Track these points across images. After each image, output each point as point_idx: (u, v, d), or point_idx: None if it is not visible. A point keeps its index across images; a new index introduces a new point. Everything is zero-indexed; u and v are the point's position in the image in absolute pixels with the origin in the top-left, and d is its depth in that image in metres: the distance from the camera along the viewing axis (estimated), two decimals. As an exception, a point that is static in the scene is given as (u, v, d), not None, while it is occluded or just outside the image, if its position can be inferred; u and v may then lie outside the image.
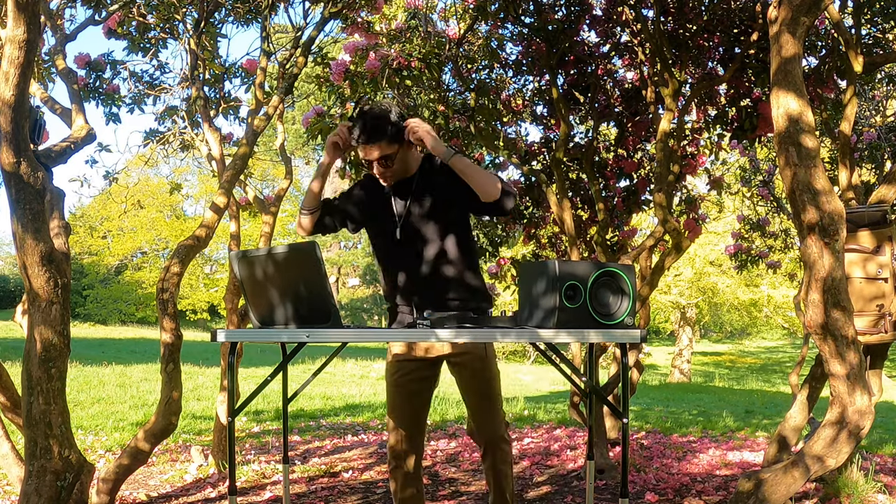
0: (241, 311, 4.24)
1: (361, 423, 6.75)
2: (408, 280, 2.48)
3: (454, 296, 2.45)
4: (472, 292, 2.49)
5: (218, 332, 2.14)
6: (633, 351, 4.63)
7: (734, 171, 8.62)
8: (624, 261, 4.28)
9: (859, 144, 5.79)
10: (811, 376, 3.26)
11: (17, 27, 2.41)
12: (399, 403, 2.52)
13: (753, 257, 7.99)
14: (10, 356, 9.89)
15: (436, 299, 2.44)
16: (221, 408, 4.22)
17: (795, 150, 2.43)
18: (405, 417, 2.51)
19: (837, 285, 2.38)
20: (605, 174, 4.99)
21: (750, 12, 4.09)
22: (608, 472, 4.22)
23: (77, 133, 3.39)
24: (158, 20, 4.28)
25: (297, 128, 26.27)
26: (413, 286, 2.48)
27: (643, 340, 2.00)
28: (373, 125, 2.38)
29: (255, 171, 21.42)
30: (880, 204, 3.12)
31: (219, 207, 3.54)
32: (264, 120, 3.84)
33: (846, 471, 3.61)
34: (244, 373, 11.23)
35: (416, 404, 2.53)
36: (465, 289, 2.47)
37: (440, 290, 2.45)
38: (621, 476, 2.02)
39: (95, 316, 27.15)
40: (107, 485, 3.07)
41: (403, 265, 2.49)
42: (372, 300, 32.30)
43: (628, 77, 4.93)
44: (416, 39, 4.25)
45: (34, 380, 2.56)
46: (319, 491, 3.93)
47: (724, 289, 17.61)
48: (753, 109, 4.33)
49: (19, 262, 2.62)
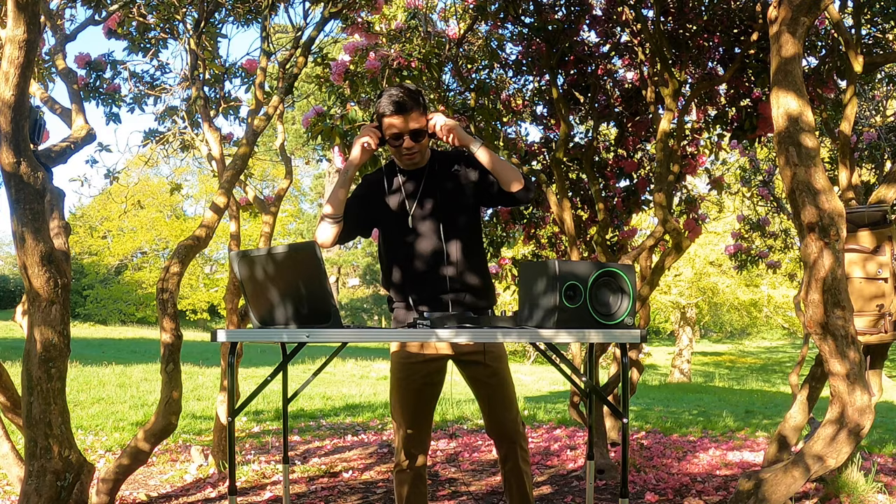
0: (241, 311, 4.24)
1: (361, 423, 6.75)
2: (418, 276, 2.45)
3: (460, 294, 2.44)
4: (479, 291, 2.48)
5: (218, 332, 2.14)
6: (633, 350, 4.64)
7: (734, 171, 8.62)
8: (624, 261, 4.28)
9: (859, 144, 5.79)
10: (811, 376, 3.26)
11: (17, 27, 2.41)
12: (408, 402, 2.47)
13: (753, 257, 7.99)
14: (10, 356, 9.89)
15: (442, 297, 2.42)
16: (221, 408, 4.22)
17: (795, 149, 2.43)
18: (415, 416, 2.47)
19: (837, 285, 2.38)
20: (605, 174, 4.99)
21: (750, 12, 4.09)
22: (608, 472, 4.22)
23: (77, 133, 3.40)
24: (158, 20, 4.28)
25: (297, 128, 26.29)
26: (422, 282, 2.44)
27: (643, 340, 2.00)
28: (406, 94, 2.35)
29: (255, 171, 21.43)
30: (880, 204, 3.12)
31: (219, 207, 3.54)
32: (264, 120, 3.84)
33: (846, 471, 3.61)
34: (244, 373, 11.23)
35: (426, 403, 2.48)
36: (473, 287, 2.46)
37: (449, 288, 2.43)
38: (621, 476, 2.02)
39: (95, 316, 27.16)
40: (107, 485, 3.07)
41: (412, 260, 2.46)
42: (372, 300, 32.30)
43: (628, 77, 4.92)
44: (416, 39, 4.26)
45: (34, 380, 2.56)
46: (319, 491, 3.93)
47: (724, 289, 17.61)
48: (753, 109, 4.33)
49: (19, 262, 2.62)
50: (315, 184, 35.04)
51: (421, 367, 2.46)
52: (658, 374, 21.22)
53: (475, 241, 2.50)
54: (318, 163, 33.93)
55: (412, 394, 2.47)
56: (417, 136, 2.39)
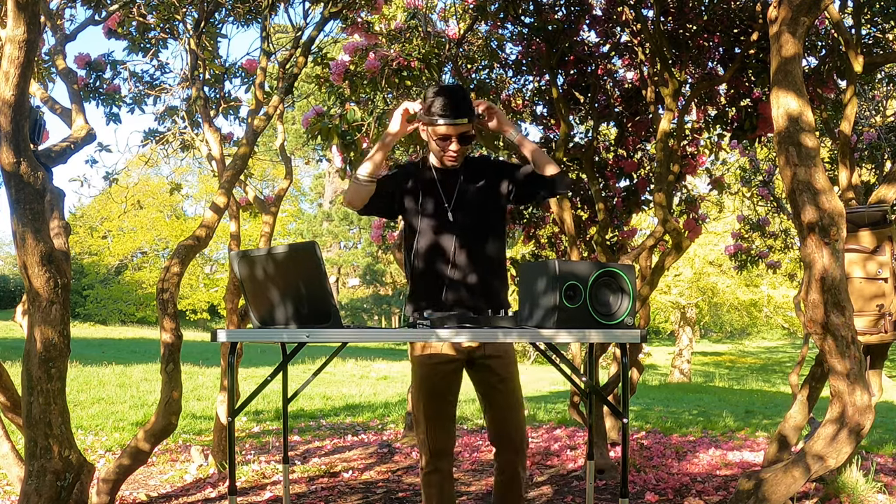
0: (241, 311, 4.24)
1: (361, 423, 6.75)
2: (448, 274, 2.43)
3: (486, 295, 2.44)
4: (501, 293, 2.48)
5: (218, 332, 2.14)
6: (633, 350, 4.64)
7: (734, 171, 8.62)
8: (624, 261, 4.28)
9: (859, 144, 5.79)
10: (811, 376, 3.26)
11: (17, 27, 2.41)
12: (429, 403, 2.44)
13: (753, 257, 7.99)
14: (10, 356, 9.88)
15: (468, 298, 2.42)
16: (221, 408, 4.22)
17: (795, 149, 2.43)
18: (436, 417, 2.44)
19: (837, 285, 2.38)
20: (605, 174, 4.99)
21: (750, 12, 4.09)
22: (608, 472, 4.22)
23: (77, 133, 3.40)
24: (158, 20, 4.28)
25: (297, 128, 26.28)
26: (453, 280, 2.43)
27: (643, 340, 2.00)
28: (460, 98, 2.36)
29: (255, 171, 21.44)
30: (880, 204, 3.12)
31: (219, 207, 3.54)
32: (264, 120, 3.84)
33: (846, 471, 3.61)
34: (244, 373, 11.23)
35: (447, 404, 2.47)
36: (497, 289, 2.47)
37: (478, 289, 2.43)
38: (621, 476, 2.02)
39: (95, 316, 27.16)
40: (107, 485, 3.07)
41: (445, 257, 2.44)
42: (372, 300, 32.29)
43: (628, 77, 4.92)
44: (415, 39, 4.26)
45: (34, 380, 2.56)
46: (319, 491, 3.93)
47: (724, 289, 17.60)
48: (753, 109, 4.33)
49: (19, 262, 2.62)
50: (315, 184, 35.03)
51: (440, 368, 2.45)
52: (658, 374, 21.22)
53: (502, 245, 2.52)
54: (318, 163, 33.93)
55: (432, 395, 2.45)
56: (465, 140, 2.40)
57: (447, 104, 2.33)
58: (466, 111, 2.34)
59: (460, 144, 2.40)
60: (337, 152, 3.96)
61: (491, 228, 2.48)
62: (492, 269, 2.46)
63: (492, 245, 2.47)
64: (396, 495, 3.86)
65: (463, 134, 2.38)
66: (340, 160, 4.02)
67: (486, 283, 2.45)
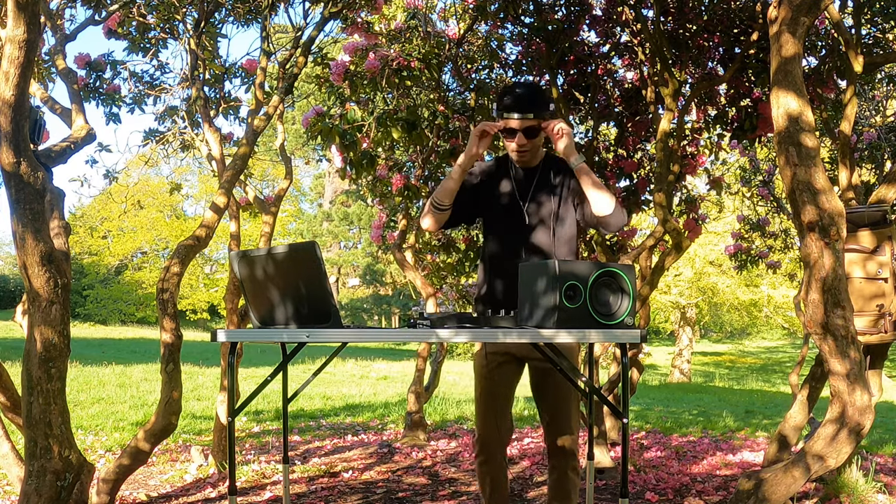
0: (241, 311, 4.24)
1: (361, 423, 6.75)
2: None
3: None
4: None
5: (218, 332, 2.14)
6: (633, 350, 4.63)
7: (734, 171, 8.62)
8: (624, 261, 4.28)
9: (859, 144, 5.79)
10: (811, 376, 3.26)
11: (17, 27, 2.41)
12: (483, 398, 2.53)
13: (753, 257, 7.98)
14: (10, 356, 9.88)
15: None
16: (221, 408, 4.22)
17: (795, 149, 2.43)
18: (489, 410, 2.51)
19: (837, 285, 2.38)
20: (605, 174, 4.99)
21: (750, 12, 4.09)
22: (608, 472, 4.22)
23: (77, 133, 3.39)
24: (158, 20, 4.28)
25: (297, 128, 26.29)
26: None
27: (643, 340, 2.00)
28: (531, 94, 2.37)
29: (255, 171, 21.45)
30: (880, 204, 3.12)
31: (219, 207, 3.54)
32: (264, 120, 3.84)
33: (846, 471, 3.61)
34: (244, 373, 11.23)
35: (504, 394, 2.54)
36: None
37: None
38: (621, 476, 2.02)
39: (95, 316, 27.16)
40: (107, 485, 3.07)
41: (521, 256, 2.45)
42: (372, 300, 32.29)
43: (628, 77, 4.92)
44: (415, 39, 4.26)
45: (34, 380, 2.56)
46: (319, 491, 3.93)
47: (724, 289, 17.60)
48: (753, 109, 4.33)
49: (19, 262, 2.62)
50: (315, 184, 35.03)
51: (491, 366, 2.51)
52: (658, 374, 21.22)
53: (574, 246, 2.54)
54: (318, 163, 33.94)
55: (482, 390, 2.53)
56: (530, 134, 2.40)
57: (514, 99, 2.36)
58: (532, 107, 2.36)
59: (526, 139, 2.41)
60: (337, 152, 3.96)
61: (564, 229, 2.49)
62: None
63: (562, 246, 2.47)
64: (396, 495, 3.86)
65: (529, 128, 2.39)
66: (340, 160, 4.02)
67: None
